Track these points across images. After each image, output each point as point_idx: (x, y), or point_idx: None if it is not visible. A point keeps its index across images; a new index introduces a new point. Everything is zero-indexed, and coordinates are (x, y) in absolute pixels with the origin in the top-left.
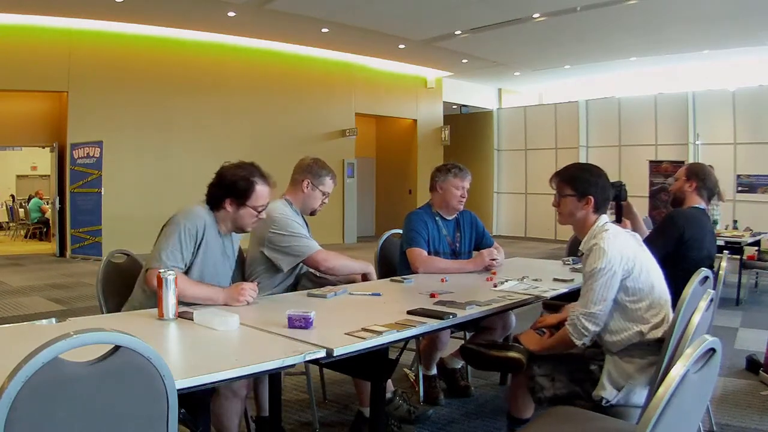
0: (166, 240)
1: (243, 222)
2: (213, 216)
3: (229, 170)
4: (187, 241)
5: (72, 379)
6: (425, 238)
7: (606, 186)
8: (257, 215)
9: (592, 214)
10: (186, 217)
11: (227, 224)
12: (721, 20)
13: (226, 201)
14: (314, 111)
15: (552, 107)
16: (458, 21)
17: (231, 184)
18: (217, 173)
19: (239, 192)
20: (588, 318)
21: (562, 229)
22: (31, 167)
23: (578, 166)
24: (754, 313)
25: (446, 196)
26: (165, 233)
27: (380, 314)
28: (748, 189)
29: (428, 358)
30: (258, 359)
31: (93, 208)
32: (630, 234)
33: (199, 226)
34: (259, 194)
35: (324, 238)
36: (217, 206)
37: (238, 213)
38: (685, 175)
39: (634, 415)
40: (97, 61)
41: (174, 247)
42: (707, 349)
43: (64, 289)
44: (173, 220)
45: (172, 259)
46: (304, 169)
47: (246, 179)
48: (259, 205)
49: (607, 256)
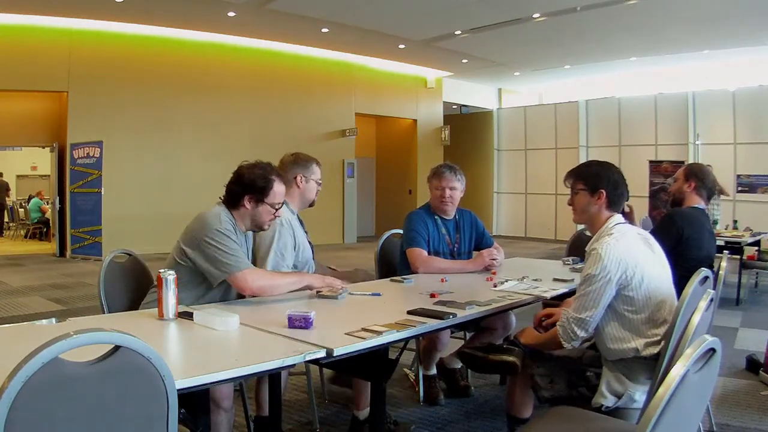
0: (219, 251)
1: (261, 219)
2: (230, 214)
3: (248, 169)
4: (235, 239)
5: (72, 379)
6: (425, 237)
7: (619, 181)
8: (275, 212)
9: (605, 210)
10: (214, 223)
11: (246, 222)
12: (721, 20)
13: (245, 198)
14: (314, 111)
15: (552, 107)
16: (458, 21)
17: (250, 182)
18: (235, 172)
19: (258, 189)
20: (577, 323)
21: (562, 229)
22: (31, 167)
23: (591, 162)
24: (754, 313)
25: (432, 198)
26: (210, 248)
27: (380, 314)
28: (748, 189)
29: (428, 358)
30: (258, 359)
31: (93, 208)
32: (642, 238)
33: (230, 221)
34: (276, 192)
35: (324, 238)
36: (236, 204)
37: (257, 210)
38: (684, 176)
39: (634, 415)
40: (97, 61)
41: (234, 252)
42: (707, 349)
43: (64, 289)
44: (204, 233)
45: (243, 263)
46: (291, 165)
47: (264, 177)
48: (277, 202)
49: (603, 263)
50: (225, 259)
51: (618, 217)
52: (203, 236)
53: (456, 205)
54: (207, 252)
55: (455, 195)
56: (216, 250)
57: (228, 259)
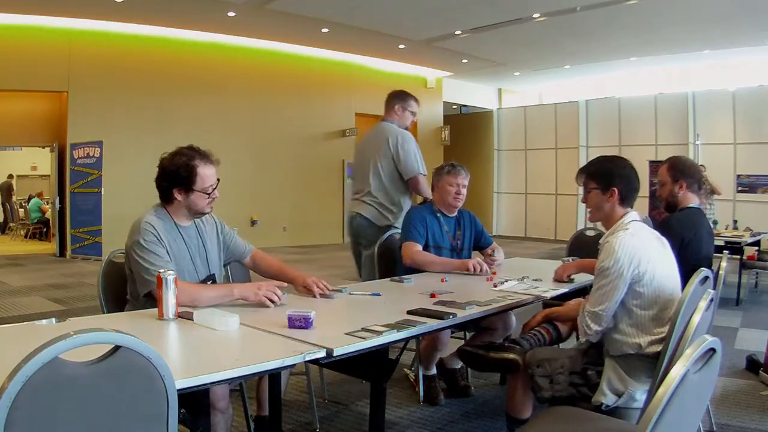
0: (139, 265)
1: (198, 206)
2: (164, 213)
3: (168, 161)
4: (158, 250)
5: (72, 379)
6: (422, 233)
7: (631, 177)
8: (209, 195)
9: (619, 207)
10: (137, 233)
11: (184, 213)
12: (721, 20)
13: (174, 191)
14: (314, 111)
15: (552, 107)
16: (458, 21)
17: (173, 174)
18: (158, 166)
19: (183, 179)
20: (591, 317)
21: (562, 229)
22: (31, 167)
23: (602, 159)
24: (754, 313)
25: (442, 194)
26: (133, 261)
27: (380, 314)
28: (748, 189)
29: (428, 358)
30: (258, 359)
31: (93, 208)
32: (655, 235)
33: (153, 232)
34: (203, 176)
35: (324, 238)
36: (169, 199)
37: (189, 199)
38: (671, 178)
39: (634, 415)
40: (97, 61)
41: (152, 266)
42: (707, 349)
43: (64, 289)
44: (129, 243)
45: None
46: (391, 98)
47: (186, 165)
48: (208, 185)
49: (616, 256)
50: (144, 274)
51: (633, 214)
52: (129, 248)
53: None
54: (132, 265)
55: (464, 192)
56: (137, 263)
57: (147, 273)
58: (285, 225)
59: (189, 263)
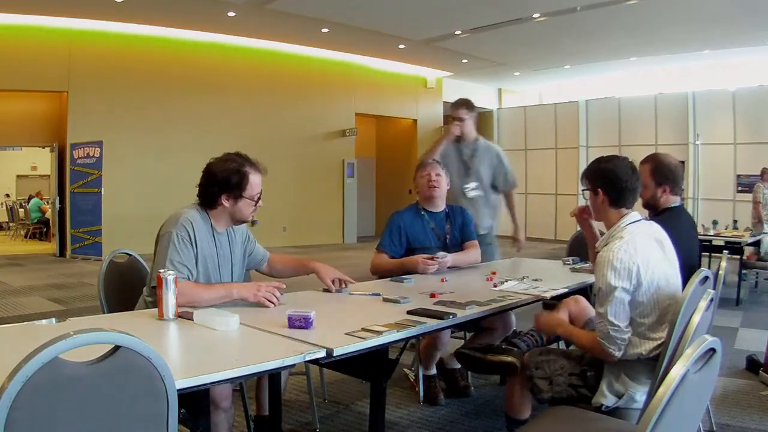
0: (163, 256)
1: (242, 214)
2: (206, 216)
3: (218, 166)
4: (184, 249)
5: (72, 379)
6: (394, 241)
7: (619, 176)
8: (255, 204)
9: (612, 209)
10: (174, 225)
11: (225, 220)
12: (721, 20)
13: (222, 197)
14: (314, 111)
15: (552, 107)
16: (458, 21)
17: (224, 180)
18: (205, 171)
19: (234, 185)
20: (611, 340)
21: (562, 229)
22: (31, 167)
23: (598, 159)
24: (754, 313)
25: (420, 189)
26: (159, 249)
27: (380, 314)
28: (748, 189)
29: (428, 358)
30: (258, 359)
31: (93, 208)
32: (654, 239)
33: (189, 230)
34: (253, 183)
35: (324, 238)
36: (213, 204)
37: (236, 206)
38: (654, 182)
39: (633, 415)
40: (97, 61)
41: (175, 260)
42: (707, 349)
43: (64, 289)
44: (163, 232)
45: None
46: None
47: (238, 171)
48: (255, 193)
49: (616, 270)
50: (160, 267)
51: (632, 216)
52: (161, 236)
53: (444, 194)
54: (156, 254)
55: (440, 181)
56: (160, 253)
57: (162, 267)
58: (285, 225)
59: (215, 270)
